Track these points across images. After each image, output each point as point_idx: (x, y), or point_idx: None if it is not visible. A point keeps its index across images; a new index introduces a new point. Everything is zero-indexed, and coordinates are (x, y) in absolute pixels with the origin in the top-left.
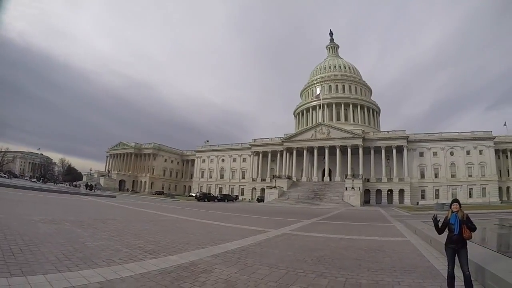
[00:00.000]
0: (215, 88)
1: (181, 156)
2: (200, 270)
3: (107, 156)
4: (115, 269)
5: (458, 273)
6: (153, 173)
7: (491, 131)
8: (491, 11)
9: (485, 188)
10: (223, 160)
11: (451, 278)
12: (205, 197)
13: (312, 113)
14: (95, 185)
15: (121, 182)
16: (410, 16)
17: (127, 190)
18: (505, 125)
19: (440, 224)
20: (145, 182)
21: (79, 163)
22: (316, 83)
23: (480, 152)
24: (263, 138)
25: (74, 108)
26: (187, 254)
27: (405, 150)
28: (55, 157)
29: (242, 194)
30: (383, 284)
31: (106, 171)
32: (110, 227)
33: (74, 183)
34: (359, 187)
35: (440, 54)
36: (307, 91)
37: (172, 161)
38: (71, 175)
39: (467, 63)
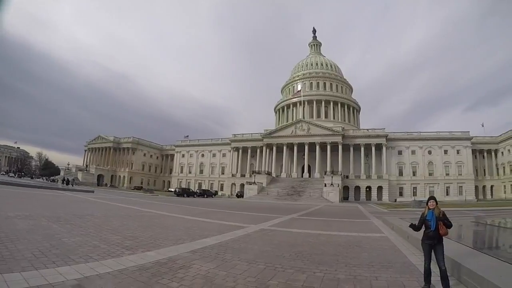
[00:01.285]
0: (196, 82)
1: (161, 151)
2: (178, 266)
3: (85, 150)
4: (92, 265)
5: (434, 268)
6: (132, 167)
7: (469, 132)
8: (474, 14)
9: (461, 186)
10: (202, 155)
11: (427, 273)
12: (184, 192)
13: (293, 110)
14: (73, 179)
15: (100, 177)
16: (394, 17)
17: (106, 185)
18: (482, 126)
19: (417, 223)
20: (124, 177)
21: (57, 157)
22: (297, 79)
23: (458, 151)
24: (243, 134)
25: (52, 100)
26: (165, 250)
27: (384, 148)
28: (32, 151)
29: (222, 189)
30: (360, 279)
31: (84, 165)
32: (88, 222)
33: (52, 177)
34: (338, 184)
35: (422, 55)
36: (288, 87)
37: (151, 156)
38: (49, 169)
39: (448, 64)
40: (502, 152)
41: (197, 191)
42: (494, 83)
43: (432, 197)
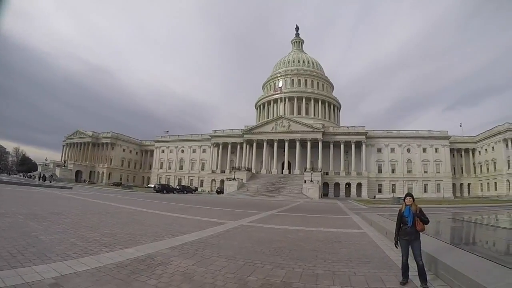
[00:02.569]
0: (177, 76)
1: (140, 146)
2: (157, 263)
3: (63, 146)
4: (70, 263)
5: (412, 263)
6: (111, 163)
7: (447, 131)
8: (456, 16)
9: (439, 184)
10: (182, 151)
11: (405, 268)
12: (164, 188)
13: (274, 106)
14: (51, 176)
15: (78, 173)
16: (377, 16)
17: (84, 181)
18: (460, 126)
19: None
20: (103, 172)
21: (35, 153)
22: (279, 76)
23: (436, 150)
24: (223, 130)
25: (29, 93)
26: (144, 247)
27: (363, 146)
28: (9, 146)
29: (202, 185)
30: (339, 274)
31: (62, 161)
32: (65, 220)
33: (29, 174)
34: (318, 180)
35: (404, 55)
36: (269, 84)
37: (130, 151)
38: (26, 165)
39: (429, 65)
40: (480, 152)
41: (177, 187)
42: (474, 85)
43: (409, 194)
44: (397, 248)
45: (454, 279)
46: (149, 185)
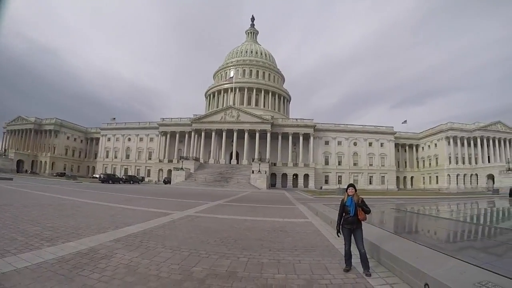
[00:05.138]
0: (126, 61)
1: (86, 134)
2: (100, 256)
3: (4, 133)
4: (9, 260)
5: (355, 251)
6: (54, 152)
7: (393, 127)
8: (410, 20)
9: (384, 176)
10: (129, 140)
11: (348, 255)
12: (110, 178)
13: (224, 96)
14: None
15: (19, 163)
16: (334, 12)
17: (26, 171)
18: (404, 122)
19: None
20: (46, 162)
21: None
22: (231, 66)
23: (382, 144)
24: (171, 118)
25: None
26: (86, 240)
27: (311, 138)
28: None
29: (149, 175)
30: (284, 263)
31: (3, 150)
32: (5, 213)
33: None
34: (266, 171)
35: (357, 52)
36: (220, 73)
37: (75, 139)
38: None
39: (380, 64)
40: (423, 147)
41: (123, 177)
42: (422, 85)
43: (351, 185)
44: (339, 236)
45: (395, 266)
46: (94, 175)
